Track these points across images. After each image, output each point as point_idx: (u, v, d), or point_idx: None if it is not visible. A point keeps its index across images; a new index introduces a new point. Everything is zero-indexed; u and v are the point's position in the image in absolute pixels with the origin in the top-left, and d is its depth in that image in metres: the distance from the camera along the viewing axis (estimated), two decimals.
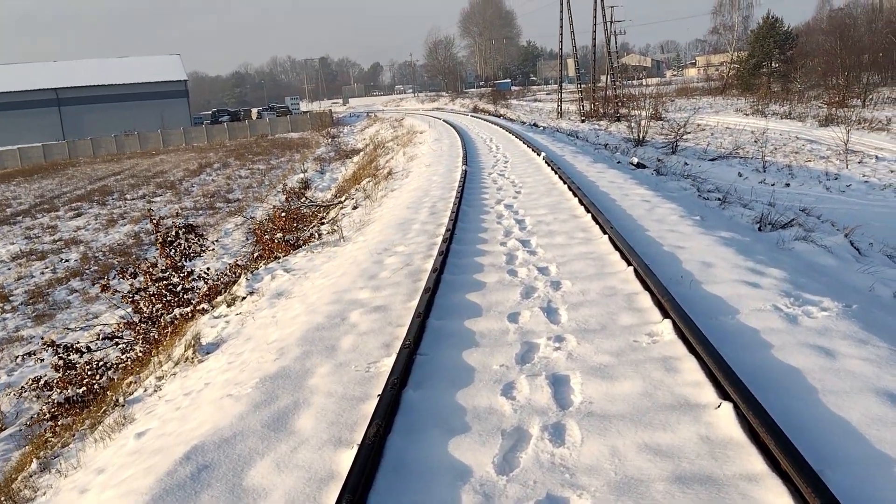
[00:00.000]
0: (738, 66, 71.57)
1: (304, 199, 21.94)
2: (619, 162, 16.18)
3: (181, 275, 11.50)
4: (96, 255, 26.01)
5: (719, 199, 10.57)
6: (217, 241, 26.65)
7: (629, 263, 5.48)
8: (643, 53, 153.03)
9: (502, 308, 5.06)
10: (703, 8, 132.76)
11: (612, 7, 64.44)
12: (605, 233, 6.77)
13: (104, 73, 73.62)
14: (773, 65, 69.24)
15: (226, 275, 12.24)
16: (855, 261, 6.81)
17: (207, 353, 7.19)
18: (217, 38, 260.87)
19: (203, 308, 10.44)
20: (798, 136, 41.91)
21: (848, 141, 33.55)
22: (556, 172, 11.51)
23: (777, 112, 53.15)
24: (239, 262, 11.54)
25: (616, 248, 6.18)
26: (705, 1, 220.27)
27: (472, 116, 48.03)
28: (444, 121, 41.75)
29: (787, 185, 30.69)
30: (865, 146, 35.14)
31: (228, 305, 9.20)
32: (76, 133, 69.46)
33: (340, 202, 20.33)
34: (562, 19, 56.54)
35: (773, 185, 31.35)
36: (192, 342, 7.63)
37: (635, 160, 15.12)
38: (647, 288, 4.83)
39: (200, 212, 34.77)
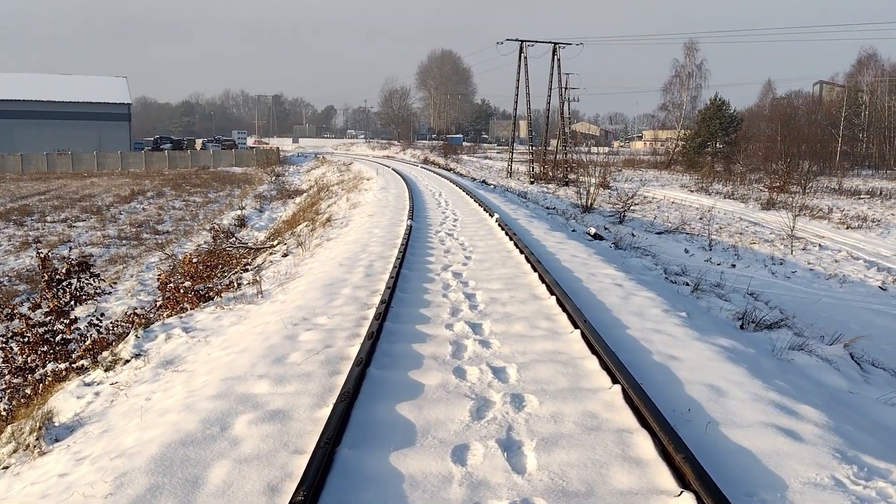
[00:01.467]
0: (684, 143, 73.23)
1: (233, 239, 20.21)
2: (574, 231, 15.15)
3: (65, 321, 9.70)
4: (0, 280, 23.59)
5: (687, 284, 9.49)
6: (136, 275, 24.57)
7: (615, 380, 4.17)
8: (592, 122, 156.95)
9: (444, 435, 3.65)
10: (653, 84, 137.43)
11: (567, 74, 65.44)
12: (575, 326, 5.48)
13: (43, 89, 70.37)
14: (717, 145, 71.13)
15: (123, 324, 10.49)
16: (864, 381, 5.67)
17: (56, 442, 5.52)
18: (171, 66, 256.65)
19: (82, 365, 8.69)
20: (742, 217, 42.26)
21: (794, 227, 33.70)
22: (510, 238, 10.30)
23: (720, 191, 53.97)
24: (138, 311, 9.87)
25: (592, 350, 4.87)
26: (656, 78, 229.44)
27: (421, 167, 47.15)
28: (392, 169, 40.65)
29: (734, 265, 30.41)
30: (807, 233, 35.41)
31: (106, 370, 7.51)
32: (6, 147, 65.75)
33: (272, 246, 18.73)
34: (518, 82, 56.77)
35: (719, 264, 31.07)
36: (42, 421, 5.93)
37: (592, 230, 14.10)
38: (645, 426, 3.51)
39: (124, 242, 32.48)
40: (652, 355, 4.79)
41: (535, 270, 7.56)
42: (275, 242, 19.19)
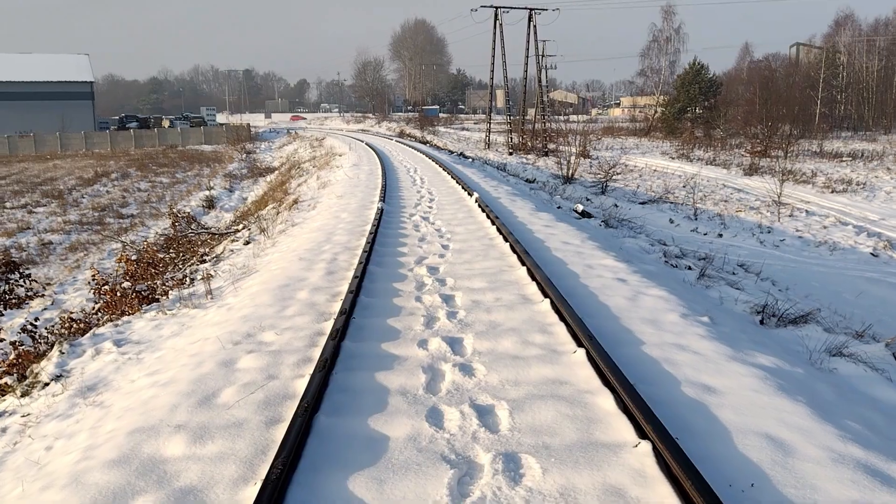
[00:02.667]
0: (663, 110, 72.25)
1: (194, 224, 18.93)
2: (559, 208, 14.06)
3: None
4: None
5: (690, 269, 8.47)
6: (97, 262, 23.25)
7: (641, 433, 3.12)
8: (570, 90, 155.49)
9: None
10: (630, 50, 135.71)
11: (544, 41, 63.91)
12: (578, 342, 4.42)
13: (1, 69, 67.61)
14: (696, 110, 70.21)
15: (60, 331, 9.27)
16: None
17: None
18: (136, 41, 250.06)
19: (5, 383, 7.52)
20: (725, 184, 41.46)
21: (781, 194, 32.90)
22: (492, 222, 9.19)
23: (702, 158, 53.16)
24: (75, 315, 8.68)
25: (604, 379, 3.82)
26: (633, 44, 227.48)
27: (396, 141, 45.72)
28: (366, 144, 39.25)
29: (720, 235, 29.58)
30: (793, 199, 34.65)
31: (23, 395, 6.36)
32: None
33: (235, 231, 17.49)
34: (494, 50, 55.24)
35: (705, 234, 30.22)
36: None
37: (580, 207, 13.02)
38: None
39: (86, 227, 30.99)
40: (681, 386, 3.74)
41: (524, 264, 6.47)
42: (239, 227, 17.96)
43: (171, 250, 17.69)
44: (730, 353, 4.19)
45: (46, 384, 6.33)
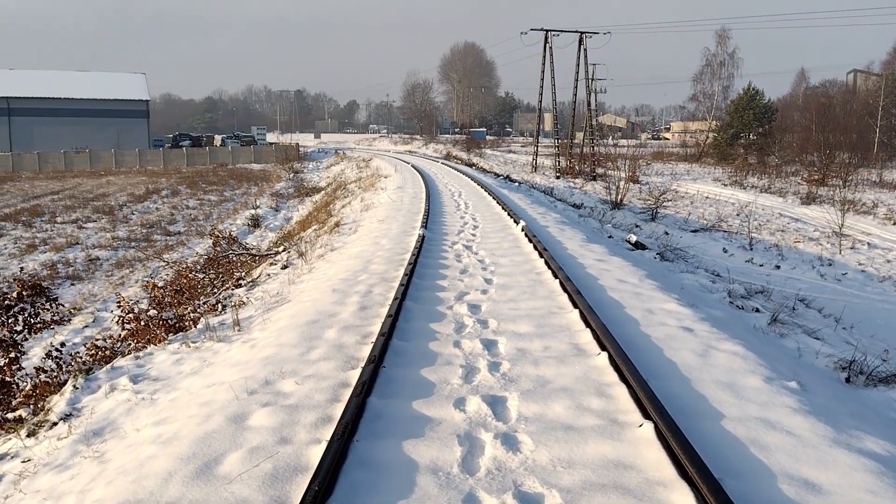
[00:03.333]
0: (715, 135, 70.64)
1: (235, 245, 18.67)
2: (610, 237, 13.30)
3: (8, 357, 8.12)
4: None
5: (758, 311, 7.66)
6: (141, 280, 23.25)
7: None
8: (619, 114, 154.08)
9: None
10: (681, 75, 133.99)
11: (594, 65, 63.18)
12: (645, 413, 3.72)
13: (61, 86, 69.68)
14: (750, 137, 68.41)
15: (84, 356, 8.89)
16: None
17: None
18: (195, 63, 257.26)
19: (20, 416, 7.12)
20: (782, 213, 39.92)
21: (843, 225, 31.42)
22: (540, 254, 8.53)
23: (756, 185, 51.55)
24: (99, 343, 8.26)
25: (681, 471, 3.11)
26: (684, 69, 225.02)
27: (442, 163, 45.37)
28: (412, 166, 38.97)
29: (778, 266, 28.29)
30: (853, 230, 33.06)
31: (29, 434, 5.91)
32: (25, 145, 65.26)
33: (276, 253, 17.16)
34: (543, 73, 54.76)
35: (762, 265, 28.95)
36: None
37: (633, 238, 12.24)
38: None
39: (133, 243, 31.27)
40: (778, 482, 3.01)
41: (576, 306, 5.79)
42: (280, 249, 17.62)
43: (210, 270, 17.46)
44: (831, 435, 3.45)
45: (55, 423, 5.88)
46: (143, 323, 7.60)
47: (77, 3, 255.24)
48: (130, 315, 7.95)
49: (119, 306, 8.46)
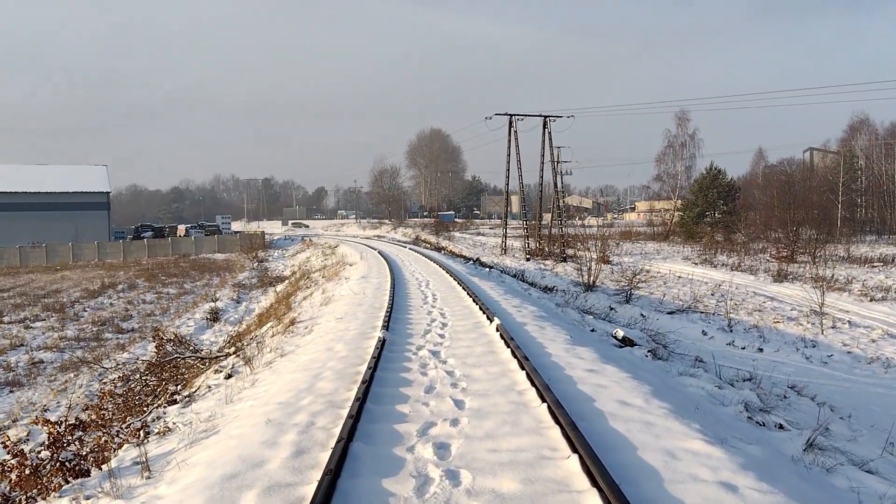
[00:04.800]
0: (681, 214, 71.16)
1: (182, 345, 17.07)
2: (593, 330, 12.06)
3: None
4: None
5: (782, 427, 6.38)
6: (86, 385, 21.38)
7: None
8: (583, 195, 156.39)
9: None
10: (644, 155, 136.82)
11: (559, 147, 63.64)
12: None
13: (18, 180, 68.16)
14: (716, 215, 68.94)
15: None
16: None
17: None
18: (162, 154, 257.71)
19: None
20: (756, 292, 39.29)
21: (823, 304, 30.70)
22: (521, 364, 7.19)
23: (726, 263, 51.26)
24: None
25: None
26: (646, 149, 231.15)
27: (410, 249, 44.30)
28: (379, 252, 37.82)
29: (761, 349, 27.22)
30: (831, 308, 32.34)
31: None
32: None
33: (226, 355, 15.61)
34: (508, 156, 54.88)
35: (743, 348, 27.86)
36: None
37: (620, 333, 11.00)
38: None
39: (81, 343, 29.28)
40: None
41: (575, 449, 4.40)
42: (230, 350, 16.07)
43: (152, 377, 15.80)
44: None
45: None
46: (26, 471, 6.05)
47: (45, 97, 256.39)
48: (12, 460, 6.38)
49: (4, 446, 6.88)
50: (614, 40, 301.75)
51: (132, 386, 14.97)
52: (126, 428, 9.32)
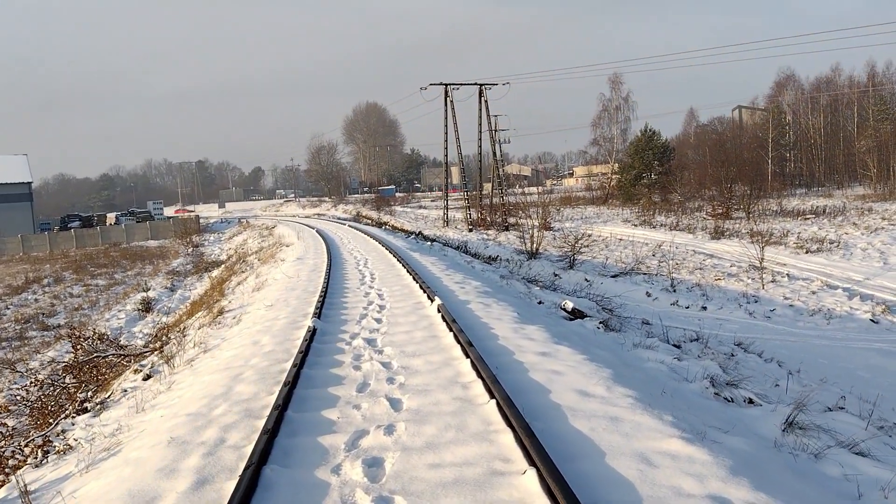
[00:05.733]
0: (619, 177, 71.49)
1: (104, 342, 15.83)
2: (540, 303, 11.42)
3: None
4: None
5: (751, 401, 5.82)
6: (6, 389, 19.92)
7: None
8: (522, 163, 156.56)
9: None
10: (580, 121, 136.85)
11: (496, 116, 62.91)
12: None
13: None
14: (652, 176, 69.41)
15: None
16: None
17: None
18: (90, 141, 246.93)
19: None
20: (695, 250, 39.61)
21: (763, 259, 30.99)
22: (466, 353, 6.39)
23: (665, 223, 51.71)
24: None
25: None
26: (582, 115, 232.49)
27: (349, 226, 43.15)
28: (317, 231, 36.63)
29: (704, 308, 27.33)
30: (768, 262, 32.69)
31: None
32: None
33: (152, 350, 14.50)
34: (446, 127, 53.91)
35: (687, 307, 27.94)
36: None
37: (569, 305, 10.33)
38: None
39: (3, 343, 27.51)
40: None
41: (532, 461, 3.65)
42: (156, 345, 14.93)
43: (70, 378, 14.58)
44: None
45: None
46: None
47: None
48: None
49: None
50: (546, 4, 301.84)
51: (46, 391, 13.76)
52: (26, 445, 8.29)
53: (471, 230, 51.09)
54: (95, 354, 14.98)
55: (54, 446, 7.67)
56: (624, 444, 4.08)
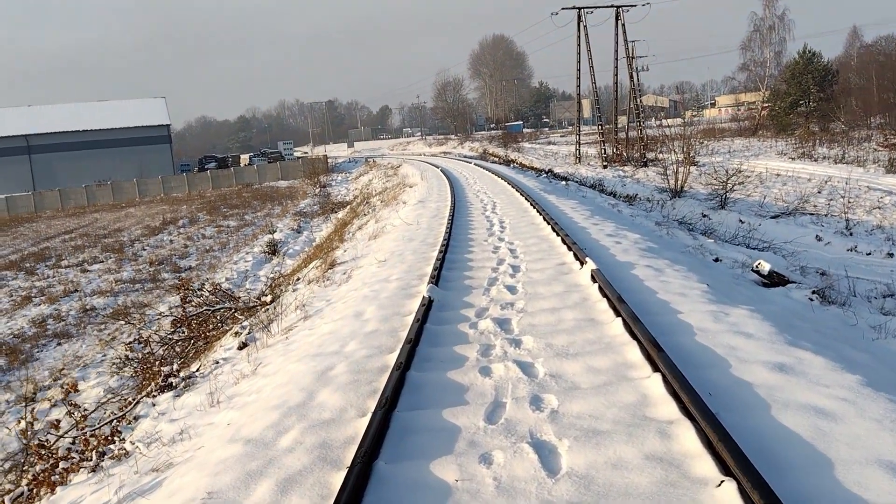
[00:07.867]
0: (771, 105, 64.69)
1: (217, 293, 14.79)
2: (717, 259, 8.90)
3: None
4: None
5: None
6: (135, 334, 19.73)
7: None
8: (658, 94, 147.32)
9: None
10: (724, 44, 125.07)
11: (633, 41, 57.99)
12: None
13: (80, 118, 67.57)
14: (811, 104, 62.21)
15: None
16: None
17: None
18: (229, 84, 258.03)
19: None
20: (870, 186, 34.53)
21: None
22: (650, 359, 4.11)
23: (828, 156, 45.99)
24: None
25: None
26: (725, 38, 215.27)
27: (475, 164, 41.00)
28: (441, 170, 34.80)
29: (891, 254, 23.34)
30: None
31: None
32: (47, 183, 63.19)
33: (264, 303, 13.25)
34: (578, 56, 49.97)
35: (868, 253, 23.94)
36: None
37: (765, 267, 7.68)
38: None
39: (137, 285, 27.83)
40: None
41: None
42: (267, 298, 13.66)
43: (179, 335, 13.67)
44: None
45: None
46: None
47: (102, 37, 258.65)
48: None
49: None
50: None
51: (154, 349, 12.87)
52: (92, 434, 6.94)
53: (605, 167, 47.71)
54: (206, 307, 13.96)
55: (118, 441, 6.27)
56: None
